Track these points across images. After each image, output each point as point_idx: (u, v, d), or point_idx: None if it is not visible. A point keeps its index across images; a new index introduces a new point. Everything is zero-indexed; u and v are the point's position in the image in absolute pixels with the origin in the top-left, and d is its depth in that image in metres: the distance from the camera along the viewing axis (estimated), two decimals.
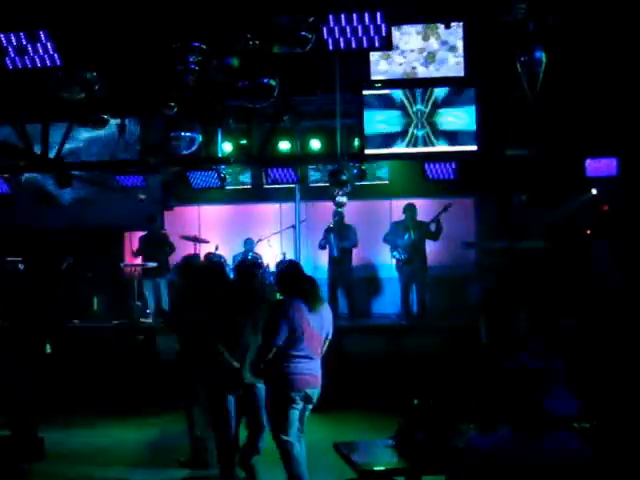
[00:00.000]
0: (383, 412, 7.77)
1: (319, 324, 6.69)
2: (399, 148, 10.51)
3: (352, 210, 13.78)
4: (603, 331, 10.79)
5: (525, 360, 3.38)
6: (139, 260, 14.40)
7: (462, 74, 10.17)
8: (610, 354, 9.45)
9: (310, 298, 6.68)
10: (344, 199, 12.37)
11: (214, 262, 9.09)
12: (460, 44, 9.97)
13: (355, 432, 8.74)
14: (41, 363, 9.38)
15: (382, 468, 5.27)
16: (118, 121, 11.47)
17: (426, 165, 10.56)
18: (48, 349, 9.94)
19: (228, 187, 13.65)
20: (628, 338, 9.90)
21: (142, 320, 13.58)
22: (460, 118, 10.31)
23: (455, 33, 9.98)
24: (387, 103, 10.53)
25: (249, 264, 8.33)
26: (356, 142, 11.35)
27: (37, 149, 11.35)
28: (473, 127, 10.23)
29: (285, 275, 7.09)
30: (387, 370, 11.06)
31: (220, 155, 12.18)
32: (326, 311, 6.87)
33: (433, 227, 13.17)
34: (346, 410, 10.03)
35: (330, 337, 6.90)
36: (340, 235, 13.78)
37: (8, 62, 7.77)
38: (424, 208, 13.69)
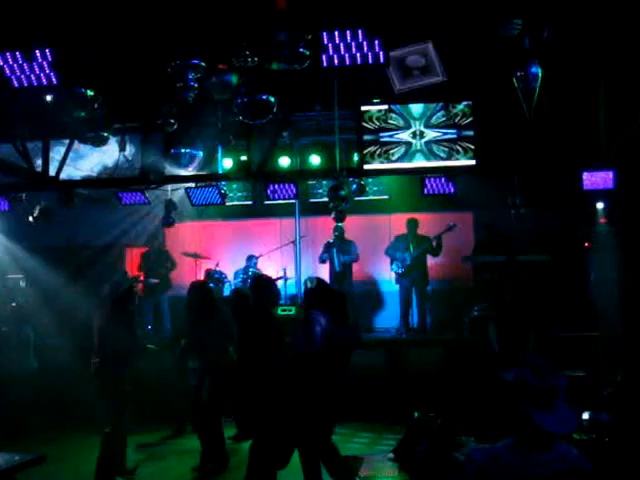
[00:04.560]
0: (385, 425, 7.78)
1: None
2: (398, 163, 10.55)
3: (352, 225, 13.81)
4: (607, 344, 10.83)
5: (526, 375, 3.38)
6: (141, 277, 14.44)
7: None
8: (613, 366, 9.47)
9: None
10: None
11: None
12: None
13: (356, 445, 8.76)
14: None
15: None
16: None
17: (425, 180, 10.59)
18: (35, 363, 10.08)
19: (229, 203, 13.70)
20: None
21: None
22: (458, 132, 10.36)
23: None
24: (387, 118, 10.57)
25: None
26: (355, 157, 11.38)
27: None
28: (471, 141, 10.27)
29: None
30: (388, 383, 11.07)
31: (220, 171, 12.23)
32: None
33: (435, 243, 13.25)
34: (347, 423, 10.03)
35: None
36: (342, 250, 13.82)
37: (9, 81, 7.85)
38: (424, 223, 13.75)
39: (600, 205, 11.52)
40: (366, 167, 10.67)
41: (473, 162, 10.26)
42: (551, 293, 11.92)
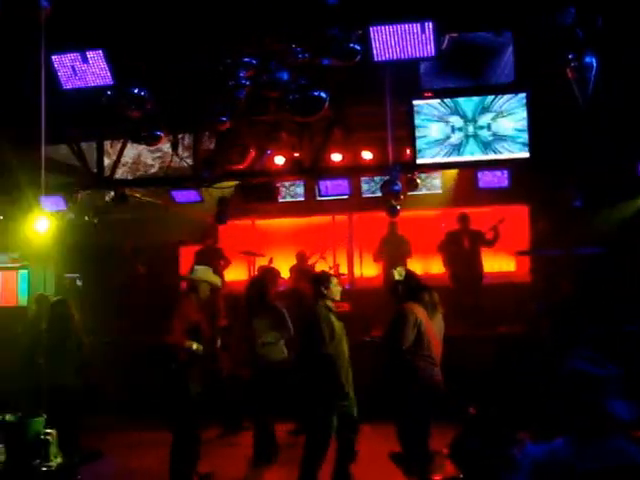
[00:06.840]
0: (439, 421, 7.70)
1: None
2: (451, 157, 10.44)
3: (404, 220, 13.75)
4: None
5: (584, 366, 3.33)
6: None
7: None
8: None
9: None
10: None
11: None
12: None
13: None
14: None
15: (438, 478, 5.27)
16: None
17: (478, 174, 10.47)
18: None
19: (281, 200, 13.73)
20: None
21: None
22: (512, 125, 10.21)
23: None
24: (439, 112, 10.47)
25: None
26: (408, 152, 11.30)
27: None
28: (525, 133, 10.11)
29: None
30: (444, 378, 10.99)
31: (273, 168, 12.26)
32: None
33: (491, 234, 13.15)
34: None
35: None
36: (395, 246, 13.77)
37: (63, 82, 7.96)
38: (477, 217, 13.64)
39: None
40: (419, 161, 10.59)
41: (527, 155, 10.10)
42: (610, 287, 11.75)
